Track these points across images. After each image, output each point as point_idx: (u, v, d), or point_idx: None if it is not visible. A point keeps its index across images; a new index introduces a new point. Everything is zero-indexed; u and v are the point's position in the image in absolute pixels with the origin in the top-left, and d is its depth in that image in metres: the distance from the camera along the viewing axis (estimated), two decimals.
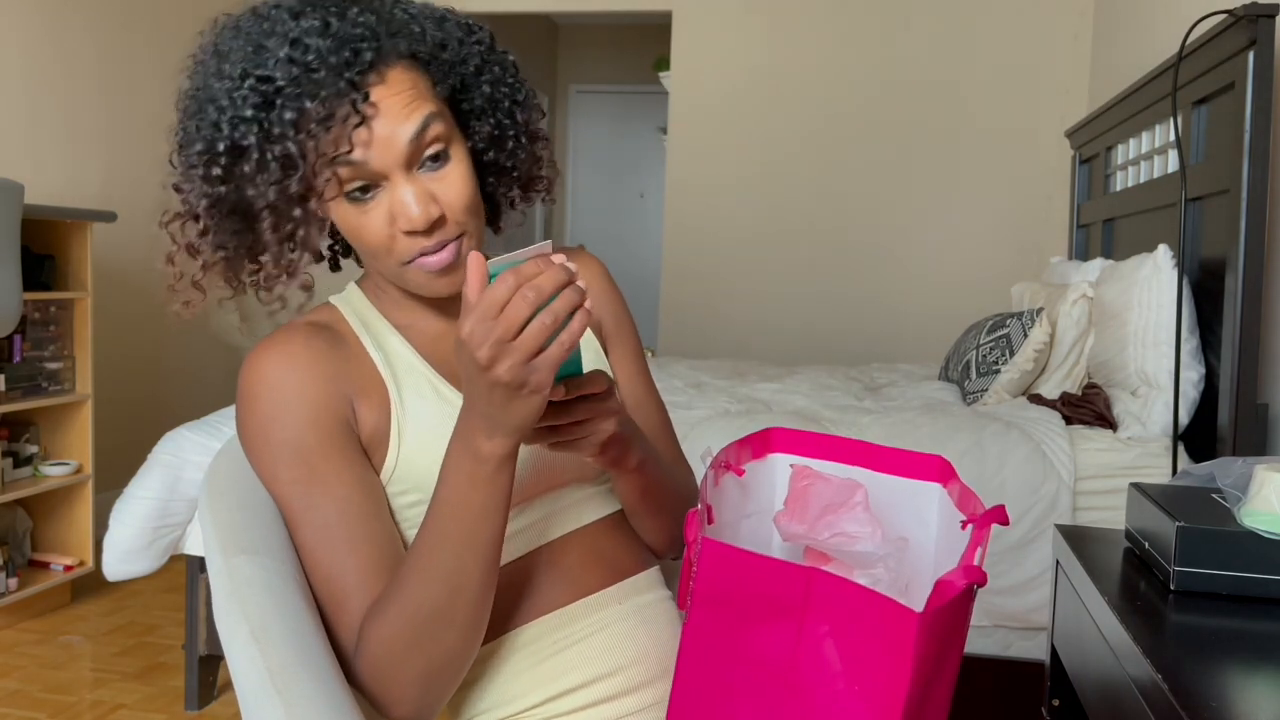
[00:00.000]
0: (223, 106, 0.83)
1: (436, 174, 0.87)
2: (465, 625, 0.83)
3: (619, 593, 0.98)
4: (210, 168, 0.85)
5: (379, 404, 0.92)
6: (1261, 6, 1.93)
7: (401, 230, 0.86)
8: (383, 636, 0.83)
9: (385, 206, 0.87)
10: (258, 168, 0.83)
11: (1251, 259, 1.95)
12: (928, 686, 0.72)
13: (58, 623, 2.91)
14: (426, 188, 0.87)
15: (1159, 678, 0.83)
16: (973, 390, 2.76)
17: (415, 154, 0.86)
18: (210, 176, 0.85)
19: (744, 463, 0.94)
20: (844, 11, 4.40)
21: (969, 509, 0.84)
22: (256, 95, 0.82)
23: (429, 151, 0.87)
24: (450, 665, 0.85)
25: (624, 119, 7.14)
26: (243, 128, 0.83)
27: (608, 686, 0.94)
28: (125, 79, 3.75)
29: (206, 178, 0.85)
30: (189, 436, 2.25)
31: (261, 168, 0.83)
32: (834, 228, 4.44)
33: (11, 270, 2.61)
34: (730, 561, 0.74)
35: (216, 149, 0.84)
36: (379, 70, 0.85)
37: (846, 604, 0.70)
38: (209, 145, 0.84)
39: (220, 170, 0.84)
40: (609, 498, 1.03)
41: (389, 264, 0.89)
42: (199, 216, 0.88)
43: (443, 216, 0.87)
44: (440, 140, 0.87)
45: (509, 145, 0.98)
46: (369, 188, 0.86)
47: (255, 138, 0.82)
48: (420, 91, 0.87)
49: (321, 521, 0.88)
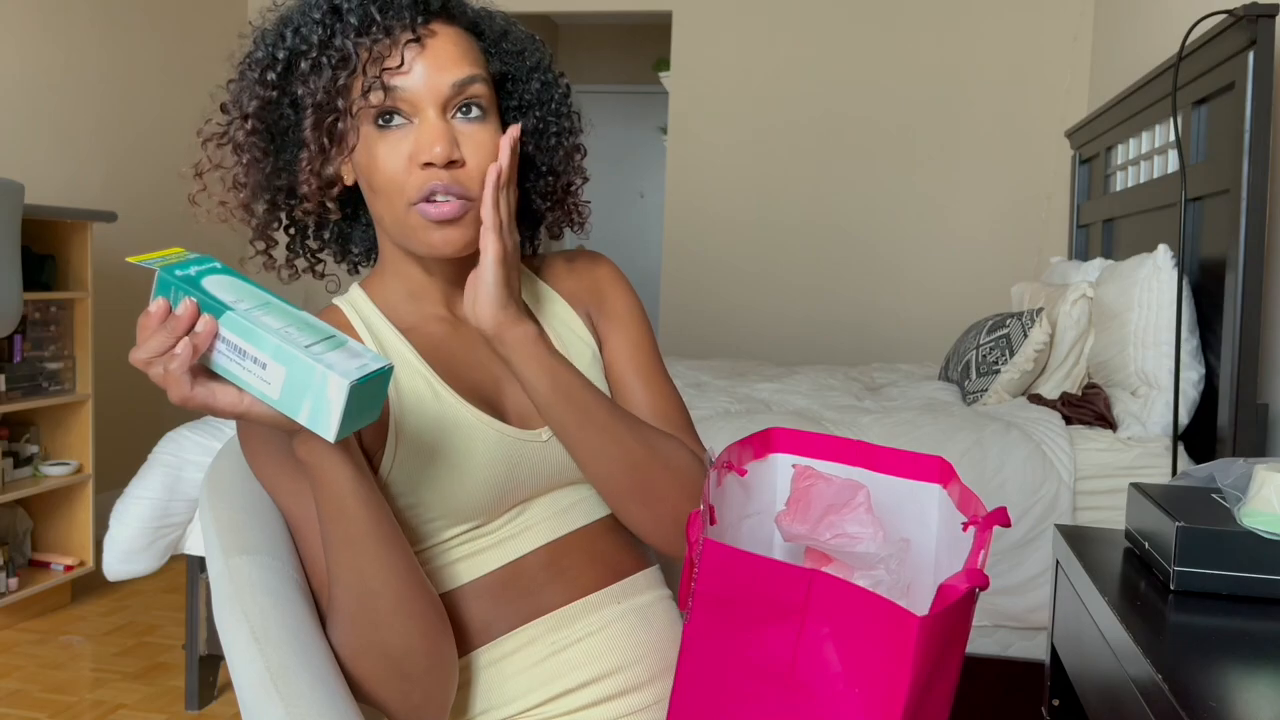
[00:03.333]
0: (289, 20, 0.90)
1: (469, 126, 0.90)
2: (392, 622, 0.83)
3: (618, 592, 0.98)
4: (267, 72, 0.90)
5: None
6: (1261, 6, 1.93)
7: (420, 162, 0.88)
8: (339, 643, 0.85)
9: (410, 140, 0.88)
10: (313, 68, 0.88)
11: (1251, 259, 1.95)
12: (928, 689, 0.72)
13: (58, 623, 2.91)
14: (455, 133, 0.89)
15: (1159, 678, 0.83)
16: (973, 390, 2.76)
17: (453, 98, 0.89)
18: (265, 80, 0.90)
19: (745, 463, 0.94)
20: (844, 11, 4.40)
21: (969, 510, 0.84)
22: (326, 2, 0.88)
23: (467, 100, 0.90)
24: (405, 664, 0.85)
25: (624, 119, 7.14)
26: (307, 30, 0.88)
27: (607, 686, 0.94)
28: (126, 79, 3.75)
29: (262, 81, 0.90)
30: (189, 436, 2.25)
31: (316, 68, 0.87)
32: (834, 228, 4.44)
33: (12, 270, 2.61)
34: (732, 563, 0.74)
35: (277, 55, 0.89)
36: (444, 19, 0.91)
37: (847, 606, 0.70)
38: (270, 53, 0.90)
39: (275, 75, 0.89)
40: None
41: (397, 203, 0.89)
42: (248, 116, 0.91)
43: (462, 163, 0.89)
44: (481, 100, 0.91)
45: (550, 142, 1.00)
46: (398, 115, 0.89)
47: (318, 38, 0.88)
48: (474, 57, 0.92)
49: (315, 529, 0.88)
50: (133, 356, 0.74)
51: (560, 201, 1.04)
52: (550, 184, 1.02)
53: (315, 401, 0.71)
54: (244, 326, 0.72)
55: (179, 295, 0.73)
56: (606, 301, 1.07)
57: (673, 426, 1.03)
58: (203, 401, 0.74)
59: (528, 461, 0.95)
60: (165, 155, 3.88)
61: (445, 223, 0.89)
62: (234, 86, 0.92)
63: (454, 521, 0.93)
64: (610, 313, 1.06)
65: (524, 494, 0.96)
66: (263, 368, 0.72)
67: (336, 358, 0.72)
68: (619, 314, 1.06)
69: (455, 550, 0.95)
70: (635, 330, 1.06)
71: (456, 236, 0.89)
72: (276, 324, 0.73)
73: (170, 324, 0.73)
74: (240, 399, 0.75)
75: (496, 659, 0.94)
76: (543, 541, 0.96)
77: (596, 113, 7.21)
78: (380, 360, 0.74)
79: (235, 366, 0.73)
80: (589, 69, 7.12)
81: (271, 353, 0.72)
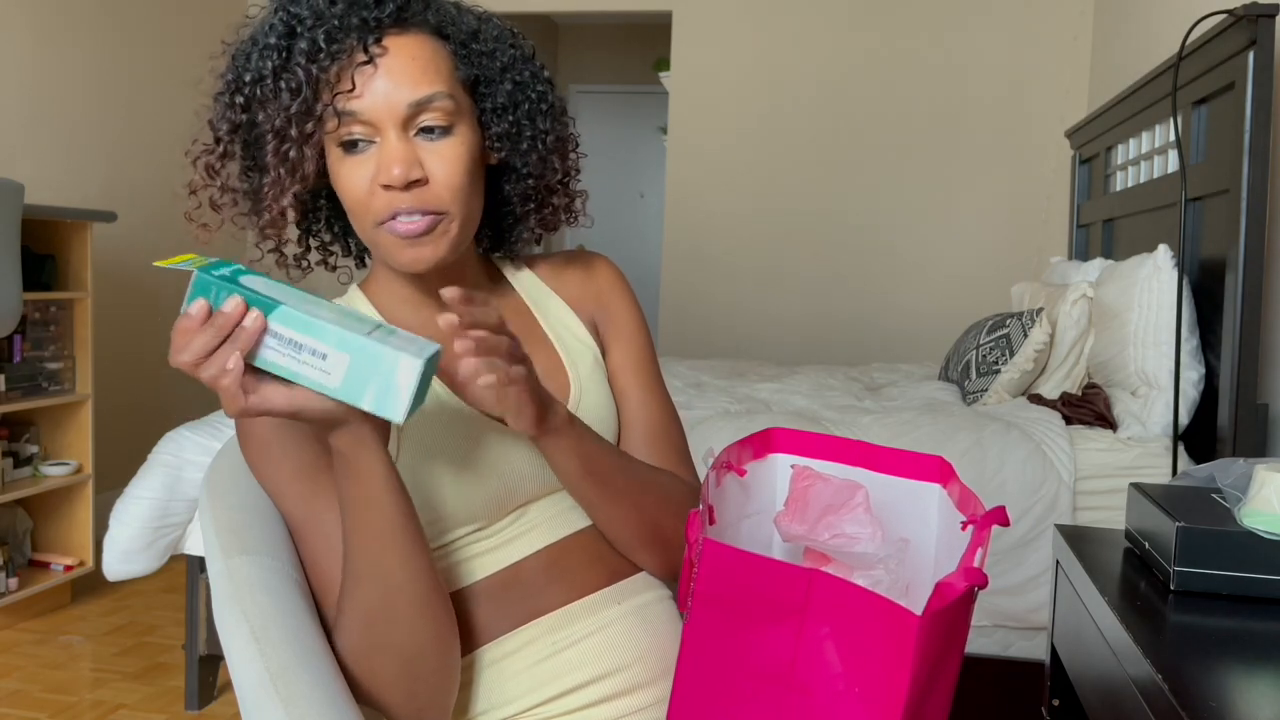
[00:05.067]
0: (255, 40, 0.89)
1: (432, 145, 0.88)
2: (409, 618, 0.83)
3: (617, 593, 0.98)
4: (235, 95, 0.89)
5: None
6: (1261, 6, 1.93)
7: (380, 183, 0.87)
8: (346, 645, 0.85)
9: (372, 163, 0.87)
10: (271, 93, 0.86)
11: (1251, 259, 1.95)
12: (928, 688, 0.72)
13: (58, 623, 2.91)
14: (416, 152, 0.87)
15: (1159, 678, 0.83)
16: (973, 390, 2.76)
17: (412, 117, 0.87)
18: (233, 104, 0.89)
19: (745, 463, 0.94)
20: (844, 12, 4.40)
21: (969, 510, 0.84)
22: (282, 25, 0.87)
23: (427, 121, 0.88)
24: (417, 663, 0.85)
25: (624, 119, 7.14)
26: (266, 55, 0.87)
27: (607, 686, 0.94)
28: (126, 79, 3.75)
29: (230, 105, 0.89)
30: (189, 436, 2.25)
31: (274, 93, 0.86)
32: (834, 227, 4.44)
33: (11, 270, 2.61)
34: (731, 562, 0.74)
35: (243, 79, 0.88)
36: (402, 28, 0.88)
37: (847, 606, 0.70)
38: (237, 75, 0.89)
39: (242, 98, 0.88)
40: None
41: (365, 224, 0.89)
42: (220, 140, 0.91)
43: (424, 180, 0.87)
44: (445, 117, 0.88)
45: (523, 146, 0.97)
46: (360, 142, 0.87)
47: (273, 64, 0.86)
48: (438, 67, 0.89)
49: (324, 535, 0.89)
50: (176, 360, 0.74)
51: (542, 204, 1.02)
52: (529, 187, 1.00)
53: (381, 386, 0.72)
54: (301, 320, 0.73)
55: (222, 294, 0.73)
56: (609, 309, 1.07)
57: (668, 444, 1.04)
58: (258, 409, 0.75)
59: (530, 463, 0.95)
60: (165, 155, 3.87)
61: (414, 239, 0.88)
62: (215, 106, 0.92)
63: (456, 524, 0.93)
64: (613, 322, 1.06)
65: (525, 496, 0.96)
66: (322, 359, 0.73)
67: (399, 342, 0.74)
68: (621, 324, 1.07)
69: (458, 553, 0.95)
70: (637, 341, 1.07)
71: (428, 254, 0.89)
72: (330, 315, 0.74)
73: (216, 322, 0.73)
74: (292, 397, 0.75)
75: (497, 659, 0.94)
76: (543, 544, 0.97)
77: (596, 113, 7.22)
78: (432, 344, 0.76)
79: (288, 360, 0.73)
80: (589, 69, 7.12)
81: (335, 343, 0.72)
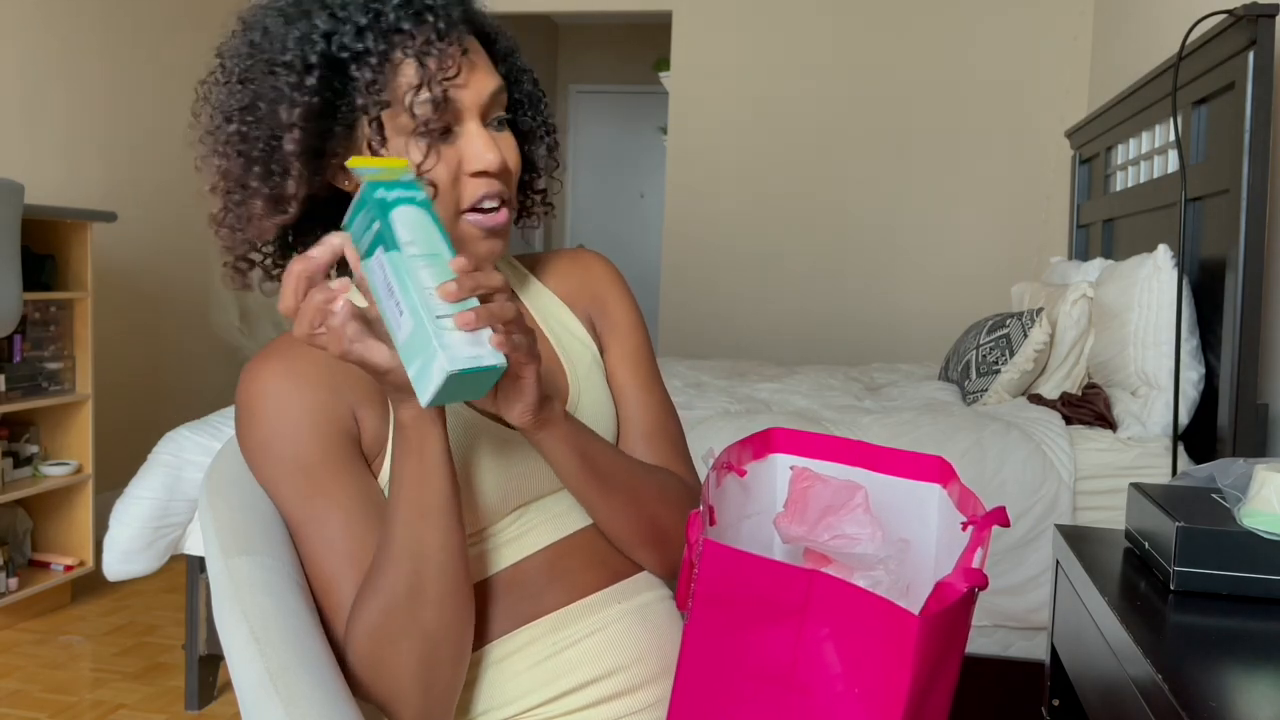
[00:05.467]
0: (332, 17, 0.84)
1: (501, 134, 0.92)
2: (439, 600, 0.83)
3: (618, 593, 0.98)
4: (306, 75, 0.84)
5: (382, 409, 0.91)
6: (1261, 6, 1.93)
7: (471, 170, 0.89)
8: (367, 630, 0.84)
9: (455, 151, 0.89)
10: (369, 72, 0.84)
11: (1251, 259, 1.95)
12: (928, 688, 0.72)
13: (58, 623, 2.91)
14: (497, 142, 0.91)
15: (1159, 678, 0.83)
16: (973, 390, 2.76)
17: (489, 108, 0.90)
18: (303, 85, 0.84)
19: (745, 463, 0.94)
20: (844, 12, 4.40)
21: (969, 510, 0.84)
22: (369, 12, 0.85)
23: (499, 113, 0.92)
24: (439, 650, 0.84)
25: (624, 119, 7.14)
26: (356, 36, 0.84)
27: (608, 686, 0.94)
28: (126, 79, 3.75)
29: (299, 86, 0.84)
30: (189, 436, 2.25)
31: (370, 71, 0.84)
32: (834, 227, 4.44)
33: (11, 270, 2.61)
34: (731, 563, 0.74)
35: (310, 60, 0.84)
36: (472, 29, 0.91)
37: (847, 606, 0.70)
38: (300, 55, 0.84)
39: (316, 80, 0.84)
40: None
41: (444, 214, 0.88)
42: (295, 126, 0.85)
43: (507, 167, 0.91)
44: (505, 108, 0.93)
45: (546, 141, 1.02)
46: (441, 131, 0.88)
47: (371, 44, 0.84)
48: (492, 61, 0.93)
49: (323, 533, 0.88)
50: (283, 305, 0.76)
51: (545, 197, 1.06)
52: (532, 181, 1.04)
53: (422, 367, 0.73)
54: (401, 271, 0.74)
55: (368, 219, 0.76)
56: (607, 308, 1.07)
57: (667, 441, 1.05)
58: (358, 357, 0.76)
59: (530, 463, 0.95)
60: (165, 155, 3.88)
61: (495, 231, 0.91)
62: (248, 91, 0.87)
63: None
64: (611, 320, 1.07)
65: (526, 496, 0.96)
66: (400, 314, 0.75)
67: (457, 339, 0.74)
68: (619, 323, 1.07)
69: None
70: (634, 339, 1.07)
71: (500, 246, 0.93)
72: (429, 282, 0.75)
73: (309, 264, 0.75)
74: (392, 356, 0.76)
75: (498, 659, 0.94)
76: (544, 544, 0.96)
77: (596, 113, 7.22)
78: (497, 357, 0.75)
79: (385, 298, 0.76)
80: (589, 69, 7.12)
81: (410, 307, 0.74)
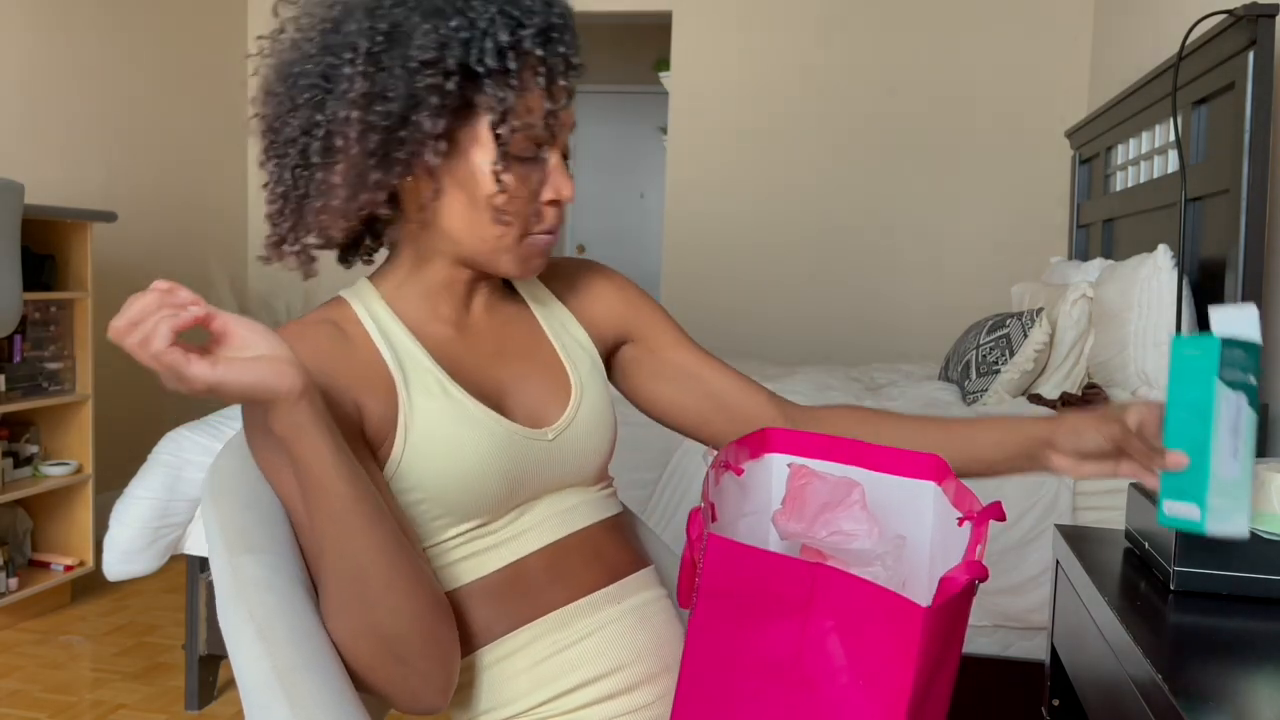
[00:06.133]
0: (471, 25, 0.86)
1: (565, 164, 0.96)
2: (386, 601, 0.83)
3: (616, 592, 0.98)
4: (447, 80, 0.86)
5: (385, 400, 0.92)
6: (1261, 6, 1.93)
7: (549, 199, 0.94)
8: (333, 628, 0.85)
9: (538, 176, 0.93)
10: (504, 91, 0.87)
11: (1251, 259, 1.95)
12: (930, 681, 0.72)
13: (58, 623, 2.91)
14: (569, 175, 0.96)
15: (1159, 678, 0.83)
16: (973, 390, 2.76)
17: (567, 142, 0.96)
18: (445, 91, 0.86)
19: (742, 462, 0.95)
20: (844, 11, 4.40)
21: (965, 506, 0.84)
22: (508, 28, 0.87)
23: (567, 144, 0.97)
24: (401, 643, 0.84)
25: (624, 119, 7.14)
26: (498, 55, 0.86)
27: (607, 685, 0.94)
28: (126, 79, 3.75)
29: (442, 91, 0.86)
30: (189, 436, 2.25)
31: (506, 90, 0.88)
32: (834, 228, 4.44)
33: (11, 270, 2.61)
34: (736, 557, 0.74)
35: (449, 66, 0.86)
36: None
37: (852, 599, 0.71)
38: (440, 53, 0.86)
39: (454, 85, 0.86)
40: (604, 504, 1.04)
41: (513, 232, 0.93)
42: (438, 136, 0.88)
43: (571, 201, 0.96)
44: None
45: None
46: (531, 157, 0.92)
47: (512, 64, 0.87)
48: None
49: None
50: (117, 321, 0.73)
51: None
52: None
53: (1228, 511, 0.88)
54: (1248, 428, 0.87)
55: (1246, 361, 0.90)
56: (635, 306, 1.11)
57: (753, 388, 1.10)
58: (170, 363, 0.72)
59: (533, 459, 0.96)
60: (165, 155, 3.89)
61: (546, 251, 0.97)
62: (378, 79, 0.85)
63: (458, 519, 0.93)
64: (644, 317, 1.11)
65: (528, 493, 0.96)
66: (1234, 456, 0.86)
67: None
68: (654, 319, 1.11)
69: (458, 550, 0.95)
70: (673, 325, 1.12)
71: (541, 264, 0.99)
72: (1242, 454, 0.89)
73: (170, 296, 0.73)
74: (212, 370, 0.74)
75: (498, 659, 0.94)
76: (544, 543, 0.97)
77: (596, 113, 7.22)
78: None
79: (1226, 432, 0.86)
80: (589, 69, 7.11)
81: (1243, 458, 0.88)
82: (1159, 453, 0.92)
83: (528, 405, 0.99)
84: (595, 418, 1.01)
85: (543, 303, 1.07)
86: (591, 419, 1.01)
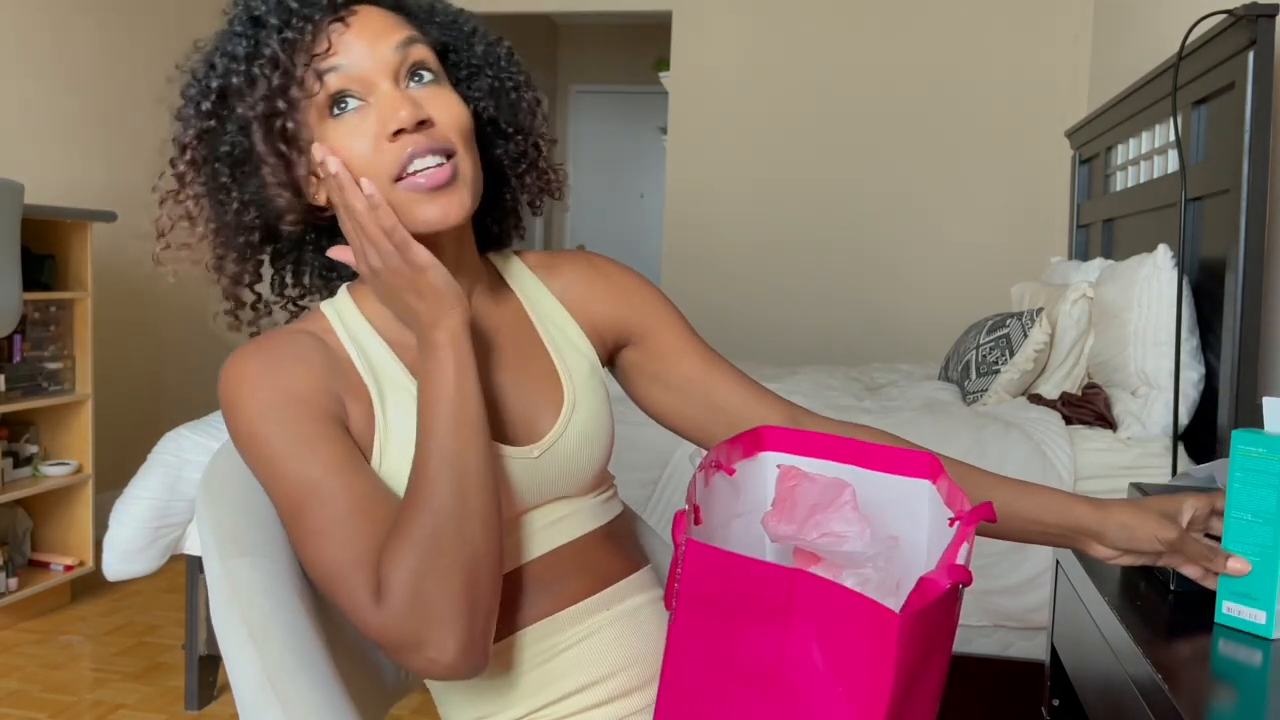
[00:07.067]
0: (219, 47, 0.89)
1: (425, 91, 0.88)
2: (483, 514, 0.81)
3: (607, 598, 0.96)
4: (202, 102, 0.89)
5: (364, 411, 0.89)
6: (1261, 6, 1.92)
7: (389, 132, 0.84)
8: (410, 564, 0.78)
9: (371, 119, 0.86)
10: (248, 82, 0.86)
11: (1251, 259, 1.94)
12: (913, 685, 0.72)
13: (58, 623, 2.91)
14: (416, 98, 0.87)
15: (1159, 678, 0.83)
16: (973, 390, 2.76)
17: (401, 65, 0.88)
18: (200, 111, 0.89)
19: (734, 461, 0.93)
20: (844, 12, 4.40)
21: (957, 506, 0.83)
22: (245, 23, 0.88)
23: (415, 62, 0.88)
24: (480, 573, 0.80)
25: (624, 119, 7.14)
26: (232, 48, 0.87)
27: (598, 693, 0.93)
28: (126, 79, 3.75)
29: (198, 113, 0.89)
30: (189, 436, 2.25)
31: (251, 81, 0.86)
32: (834, 228, 4.44)
33: (11, 270, 2.61)
34: (714, 563, 0.73)
35: (210, 85, 0.89)
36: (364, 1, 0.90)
37: (830, 605, 0.70)
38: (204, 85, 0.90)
39: (210, 104, 0.89)
40: (599, 511, 1.00)
41: (381, 186, 0.85)
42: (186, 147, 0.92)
43: (431, 121, 0.86)
44: (428, 64, 0.90)
45: (511, 98, 0.98)
46: (350, 99, 0.87)
47: (244, 51, 0.87)
48: (407, 25, 0.91)
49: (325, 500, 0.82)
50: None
51: (534, 163, 1.01)
52: (521, 144, 0.99)
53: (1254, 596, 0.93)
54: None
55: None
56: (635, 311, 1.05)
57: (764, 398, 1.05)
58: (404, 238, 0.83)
59: (518, 478, 0.92)
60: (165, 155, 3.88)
61: (437, 191, 0.85)
62: (175, 128, 0.92)
63: None
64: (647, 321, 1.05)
65: (515, 510, 0.93)
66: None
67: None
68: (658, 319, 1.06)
69: None
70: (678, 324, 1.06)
71: (454, 206, 0.86)
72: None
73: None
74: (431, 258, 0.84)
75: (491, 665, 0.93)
76: (531, 557, 0.94)
77: (596, 113, 7.22)
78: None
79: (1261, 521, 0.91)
80: (589, 69, 7.12)
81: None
82: (1217, 554, 0.93)
83: (515, 419, 0.94)
84: (589, 429, 0.97)
85: (538, 303, 1.02)
86: (584, 430, 0.96)
